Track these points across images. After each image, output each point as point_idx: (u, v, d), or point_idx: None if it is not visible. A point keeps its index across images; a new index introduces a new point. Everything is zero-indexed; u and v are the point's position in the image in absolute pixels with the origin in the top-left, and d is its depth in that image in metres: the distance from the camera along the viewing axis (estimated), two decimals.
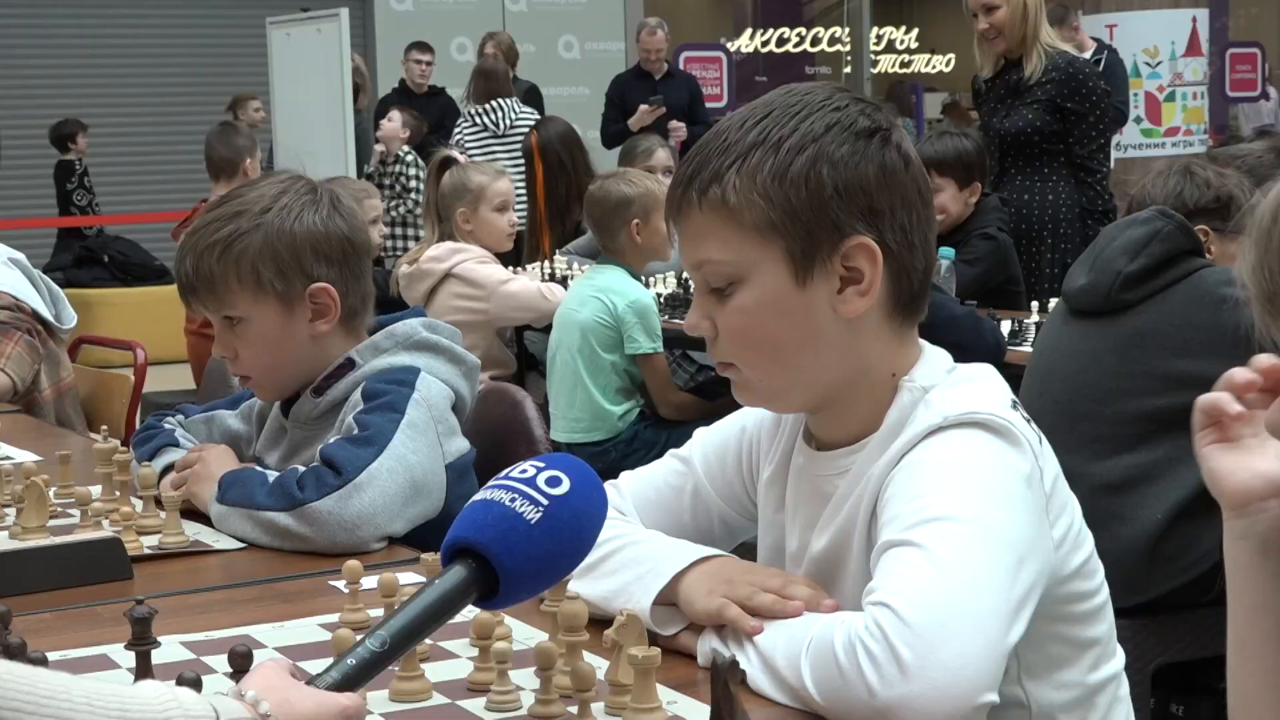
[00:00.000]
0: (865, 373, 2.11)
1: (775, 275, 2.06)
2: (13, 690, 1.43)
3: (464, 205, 6.61)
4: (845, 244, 2.05)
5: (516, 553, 1.72)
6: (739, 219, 2.05)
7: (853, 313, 2.08)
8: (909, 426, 2.05)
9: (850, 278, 2.07)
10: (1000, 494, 1.95)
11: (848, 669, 1.79)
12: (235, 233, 2.97)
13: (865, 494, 2.07)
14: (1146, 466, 3.77)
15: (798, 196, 2.04)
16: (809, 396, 2.14)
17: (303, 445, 3.06)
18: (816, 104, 2.09)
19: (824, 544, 2.12)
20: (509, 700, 1.94)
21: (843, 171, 2.05)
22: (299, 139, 11.66)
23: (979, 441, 2.00)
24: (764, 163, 2.04)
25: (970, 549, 1.87)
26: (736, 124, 2.10)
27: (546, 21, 17.55)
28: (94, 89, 16.13)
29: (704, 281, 2.12)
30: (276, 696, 1.57)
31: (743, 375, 2.14)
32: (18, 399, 4.66)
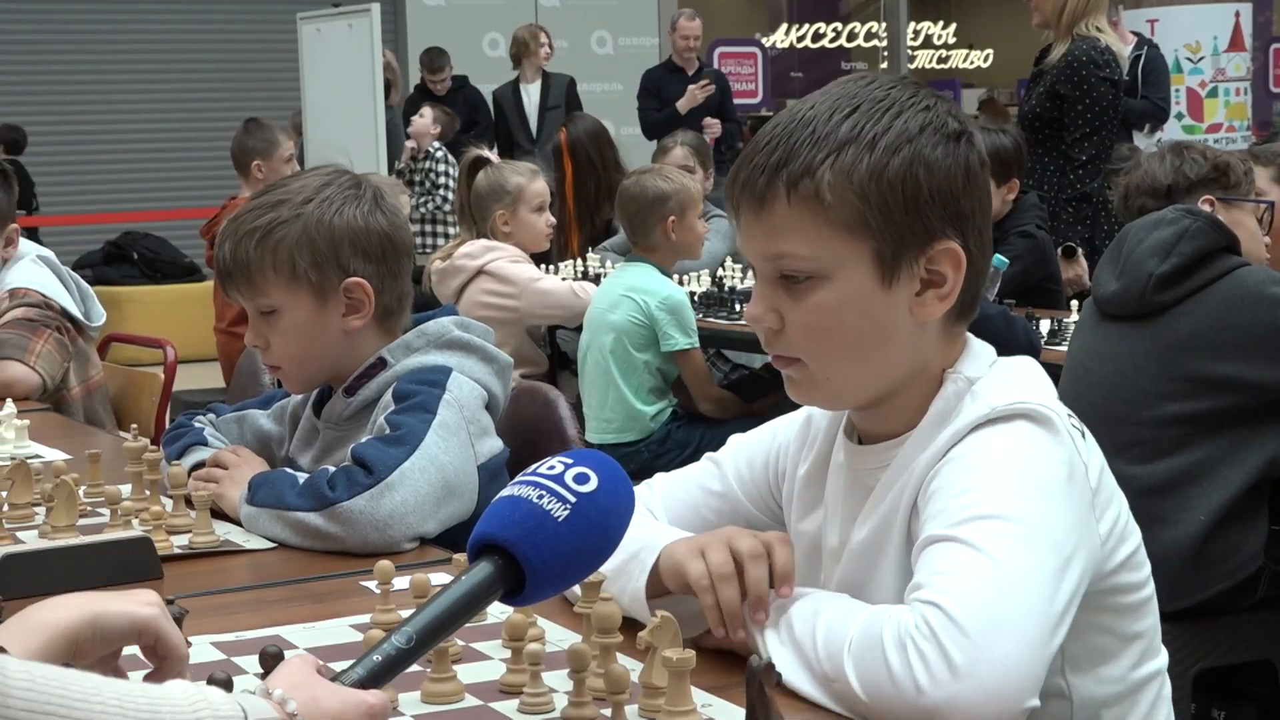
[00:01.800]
0: (923, 369, 2.11)
1: (861, 275, 2.04)
2: (45, 692, 1.43)
3: (502, 207, 6.59)
4: (933, 248, 2.05)
5: (543, 550, 1.71)
6: (830, 215, 2.02)
7: (931, 315, 2.07)
8: (956, 418, 2.04)
9: (931, 281, 2.06)
10: (1047, 491, 1.95)
11: (897, 667, 1.78)
12: (275, 221, 2.97)
13: (908, 485, 2.05)
14: (1188, 469, 3.75)
15: (894, 197, 2.02)
16: (870, 394, 2.12)
17: (335, 445, 3.05)
18: (905, 101, 2.07)
19: (864, 535, 2.11)
20: (542, 702, 1.93)
21: (937, 175, 2.04)
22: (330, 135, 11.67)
23: (1025, 435, 1.99)
24: (860, 160, 2.01)
25: (1019, 550, 1.86)
26: (824, 115, 2.06)
27: (579, 16, 17.56)
28: (123, 85, 16.18)
29: (776, 273, 2.08)
30: (303, 694, 1.57)
31: (807, 371, 2.10)
32: (47, 397, 4.66)
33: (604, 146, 8.69)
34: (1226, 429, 3.76)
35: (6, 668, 1.42)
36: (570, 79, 12.59)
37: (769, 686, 1.55)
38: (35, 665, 1.46)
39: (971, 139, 2.09)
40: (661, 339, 5.87)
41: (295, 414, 3.22)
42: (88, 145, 15.98)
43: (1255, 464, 3.74)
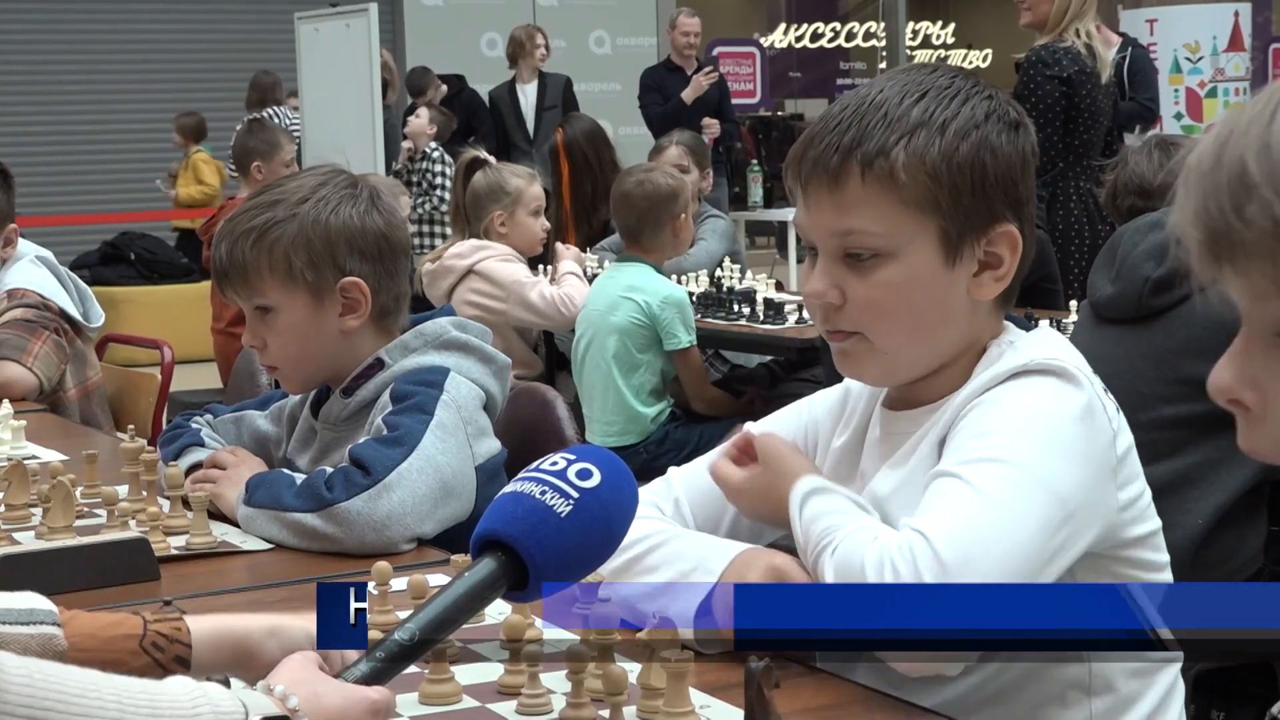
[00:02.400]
0: (971, 346, 2.18)
1: (927, 253, 2.11)
2: (44, 688, 1.43)
3: (501, 208, 6.60)
4: (994, 230, 2.13)
5: (546, 545, 1.71)
6: (903, 194, 2.09)
7: (986, 296, 2.15)
8: (994, 366, 2.12)
9: (988, 262, 2.14)
10: (1063, 446, 2.01)
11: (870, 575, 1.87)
12: (270, 221, 2.96)
13: (940, 423, 2.12)
14: (1185, 471, 3.74)
15: (963, 180, 2.10)
16: (923, 370, 2.19)
17: (333, 446, 3.05)
18: (970, 90, 2.16)
19: (894, 481, 2.16)
20: (540, 703, 1.93)
21: (1001, 161, 2.13)
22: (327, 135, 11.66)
23: (1054, 390, 2.06)
24: (932, 143, 2.10)
25: (1016, 494, 1.94)
26: (894, 98, 2.13)
27: (577, 16, 17.55)
28: (121, 84, 16.18)
29: (841, 250, 2.13)
30: (305, 690, 1.57)
31: (866, 344, 2.15)
32: (43, 398, 4.66)
33: (601, 147, 8.68)
34: (1224, 432, 3.74)
35: (4, 664, 1.42)
36: (567, 79, 12.59)
37: (767, 688, 1.55)
38: (33, 661, 1.46)
39: (1028, 130, 2.19)
40: (665, 338, 5.86)
41: (293, 415, 3.21)
42: (85, 145, 15.98)
43: (1253, 467, 3.74)
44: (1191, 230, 1.29)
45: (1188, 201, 1.30)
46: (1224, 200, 1.25)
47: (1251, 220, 1.23)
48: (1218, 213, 1.25)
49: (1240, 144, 1.25)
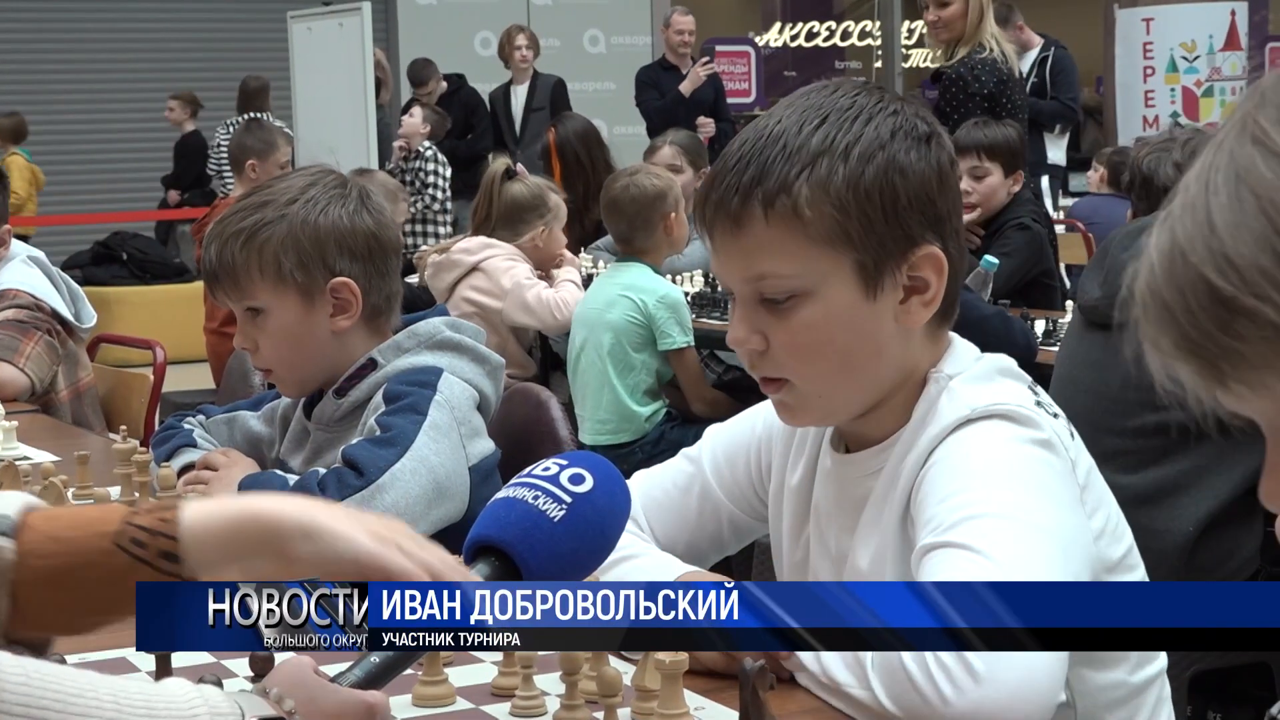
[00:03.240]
0: (910, 374, 2.09)
1: (845, 288, 2.02)
2: (40, 688, 1.42)
3: (543, 223, 6.67)
4: (915, 254, 2.03)
5: (540, 550, 1.72)
6: (810, 231, 1.99)
7: (916, 323, 2.06)
8: (936, 419, 2.03)
9: (914, 288, 2.04)
10: (1032, 484, 1.93)
11: (920, 680, 1.74)
12: (259, 222, 2.96)
13: (897, 494, 2.03)
14: (1174, 478, 3.73)
15: (873, 207, 2.00)
16: (861, 407, 2.10)
17: (326, 447, 3.04)
18: (873, 107, 2.05)
19: (871, 553, 2.08)
20: (534, 705, 1.92)
21: (912, 179, 2.02)
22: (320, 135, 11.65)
23: (1005, 432, 1.98)
24: (835, 171, 1.99)
25: (1015, 543, 1.84)
26: (793, 128, 2.03)
27: (572, 15, 17.55)
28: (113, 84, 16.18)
29: (756, 294, 2.05)
30: (301, 694, 1.57)
31: (797, 392, 2.08)
32: (35, 399, 4.65)
33: (593, 146, 8.67)
34: (1209, 440, 3.74)
35: (1, 664, 1.42)
36: (557, 81, 12.57)
37: (762, 689, 1.55)
38: (30, 661, 1.46)
39: (941, 139, 2.08)
40: (659, 337, 5.85)
41: (286, 416, 3.20)
42: (77, 145, 15.97)
43: (1242, 473, 3.73)
44: (1181, 364, 1.22)
45: (1162, 336, 1.21)
46: (1204, 325, 1.15)
47: (1244, 334, 1.13)
48: (1204, 339, 1.16)
49: (1192, 261, 1.15)
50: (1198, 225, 1.15)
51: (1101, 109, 16.44)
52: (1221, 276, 1.13)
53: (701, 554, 2.37)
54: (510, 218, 6.65)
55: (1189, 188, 1.17)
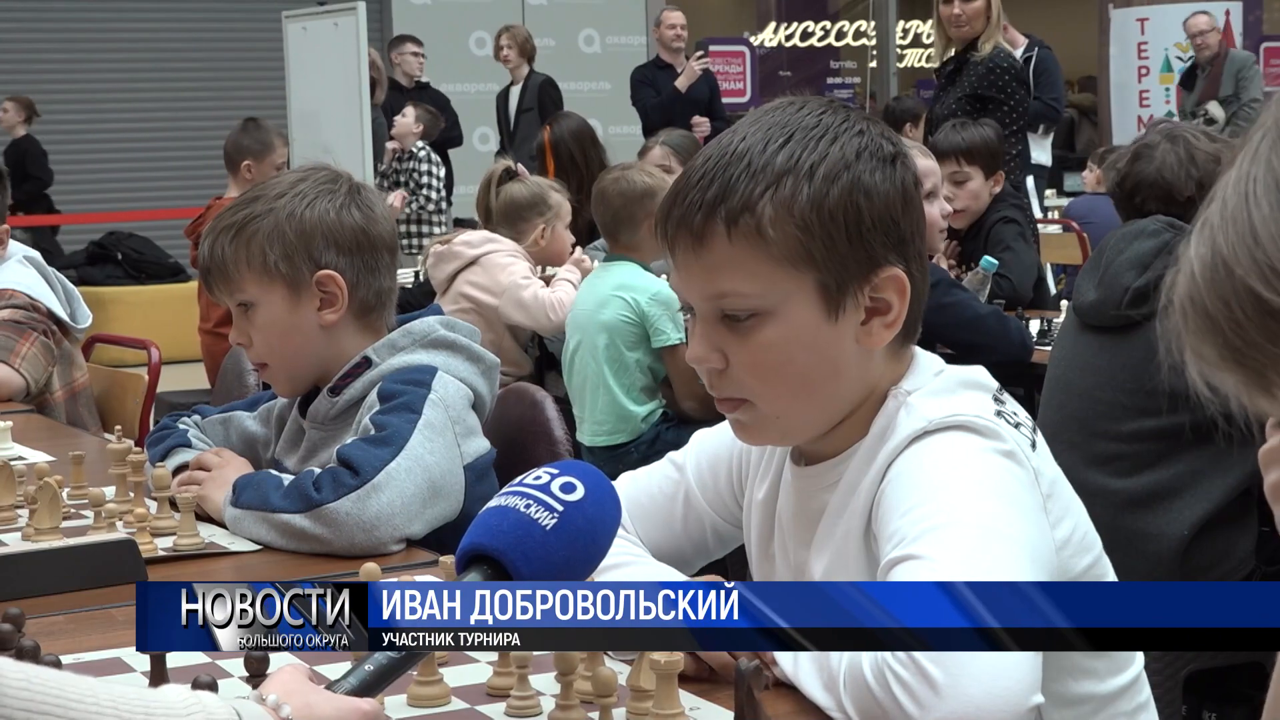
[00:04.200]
0: (869, 393, 2.07)
1: (806, 309, 2.00)
2: (41, 693, 1.43)
3: (543, 221, 6.71)
4: (877, 275, 2.01)
5: (532, 558, 1.73)
6: (773, 250, 1.98)
7: (876, 344, 2.04)
8: (893, 434, 2.01)
9: (876, 309, 2.03)
10: (992, 491, 1.91)
11: (883, 698, 1.73)
12: (249, 217, 2.98)
13: (857, 508, 2.02)
14: (1168, 482, 3.73)
15: (836, 228, 1.98)
16: (821, 427, 2.09)
17: (320, 446, 3.04)
18: (839, 126, 2.03)
19: (825, 565, 2.07)
20: (529, 706, 1.93)
21: (876, 201, 2.00)
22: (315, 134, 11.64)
23: (962, 442, 1.96)
24: (799, 191, 1.97)
25: (976, 551, 1.82)
26: (758, 146, 2.01)
27: (566, 15, 17.54)
28: (108, 84, 16.15)
29: (717, 312, 2.03)
30: (298, 700, 1.58)
31: (756, 412, 2.06)
32: (30, 400, 4.65)
33: (588, 146, 8.66)
34: (1204, 443, 3.74)
35: (2, 669, 1.42)
36: (545, 80, 12.53)
37: (757, 689, 1.55)
38: (30, 666, 1.46)
39: (906, 159, 2.06)
40: (653, 334, 5.85)
41: (281, 416, 3.20)
42: (72, 145, 15.94)
43: (1237, 476, 3.73)
44: (1227, 374, 1.21)
45: (1205, 346, 1.21)
46: (1251, 335, 1.15)
47: None
48: (1250, 348, 1.16)
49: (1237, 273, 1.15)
50: (1240, 236, 1.15)
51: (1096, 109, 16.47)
52: (1268, 288, 1.13)
53: (685, 559, 2.37)
54: (509, 217, 6.68)
55: (1226, 199, 1.17)
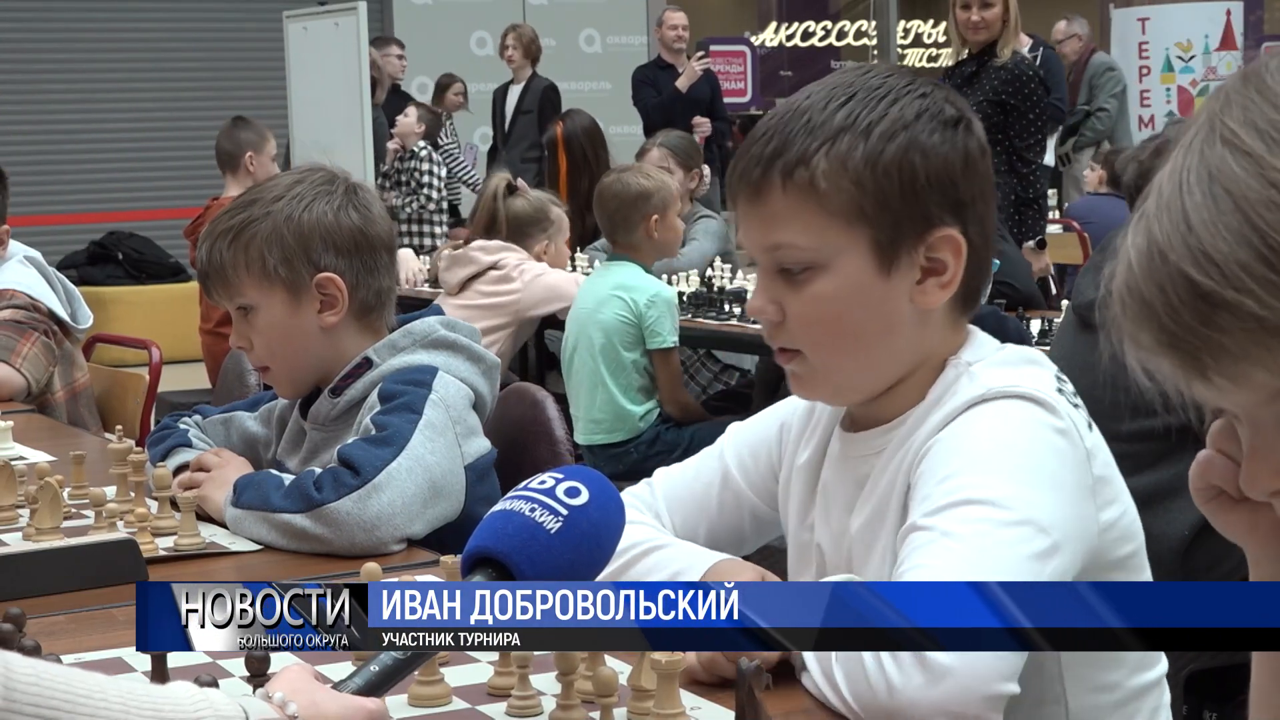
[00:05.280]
0: (925, 360, 2.10)
1: (859, 264, 2.03)
2: (51, 688, 1.44)
3: (546, 237, 6.76)
4: (932, 235, 2.04)
5: (537, 562, 1.74)
6: (826, 204, 2.01)
7: (931, 304, 2.06)
8: (951, 398, 2.03)
9: (932, 269, 2.05)
10: (1037, 473, 1.93)
11: (871, 666, 1.76)
12: (246, 220, 2.98)
13: (901, 467, 2.04)
14: (1168, 481, 3.72)
15: (890, 184, 2.01)
16: (875, 387, 2.11)
17: (321, 447, 3.04)
18: (901, 89, 2.06)
19: (860, 522, 2.09)
20: (530, 705, 1.92)
21: (934, 161, 2.03)
22: (316, 134, 11.64)
23: (1019, 413, 1.98)
24: (855, 148, 2.01)
25: (996, 534, 1.84)
26: (819, 104, 2.05)
27: (567, 15, 17.52)
28: (107, 83, 16.13)
29: (775, 264, 2.07)
30: (304, 699, 1.59)
31: (808, 364, 2.09)
32: (31, 400, 4.65)
33: (598, 145, 8.69)
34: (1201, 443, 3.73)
35: (12, 664, 1.43)
36: (548, 85, 12.52)
37: (758, 689, 1.54)
38: (40, 662, 1.47)
39: (970, 126, 2.08)
40: (648, 336, 5.86)
41: (282, 416, 3.20)
42: (73, 144, 15.93)
43: None
44: (1163, 360, 1.25)
45: (1142, 331, 1.25)
46: (1185, 319, 1.19)
47: (1227, 327, 1.17)
48: (1185, 333, 1.20)
49: (1171, 259, 1.19)
50: (1174, 224, 1.19)
51: None
52: (1201, 272, 1.17)
53: (720, 547, 2.37)
54: (515, 232, 6.72)
55: (1161, 189, 1.21)
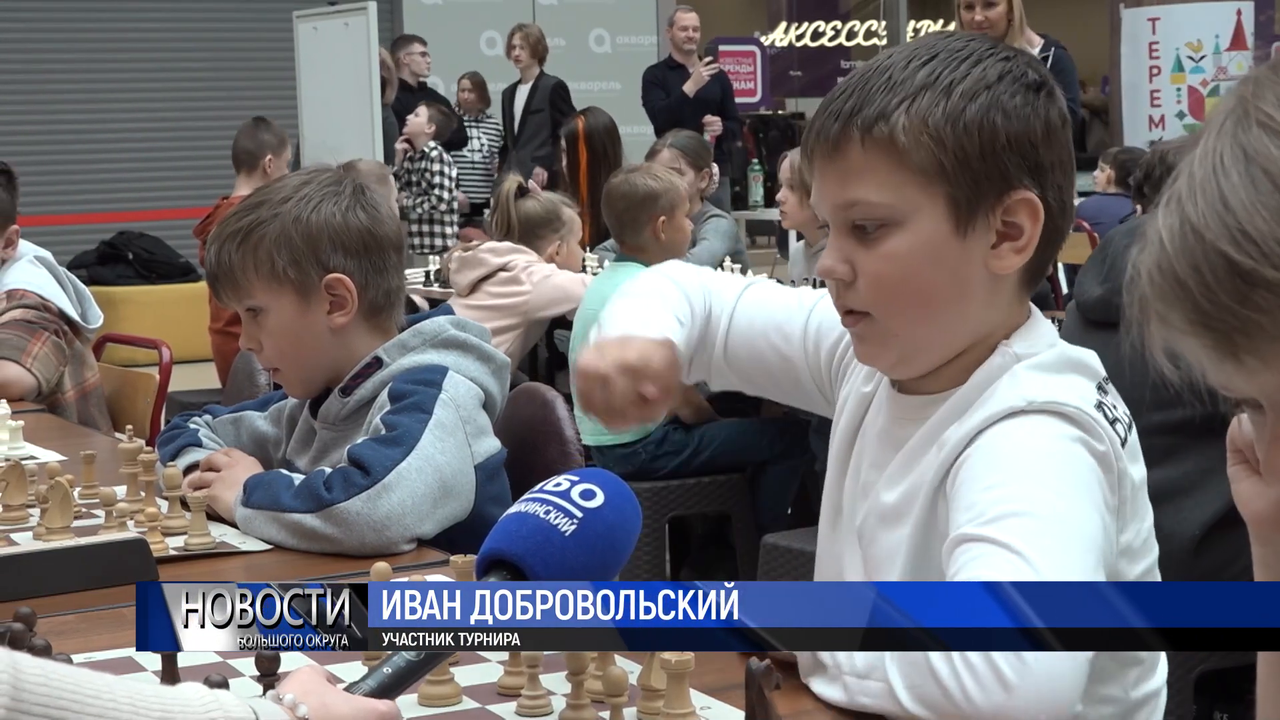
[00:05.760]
0: (989, 334, 2.07)
1: (935, 222, 2.01)
2: (59, 688, 1.43)
3: (558, 238, 6.80)
4: (1010, 197, 2.01)
5: (551, 564, 1.74)
6: (905, 160, 1.99)
7: (1006, 269, 2.04)
8: (990, 399, 2.00)
9: (1007, 233, 2.02)
10: (1075, 487, 1.90)
11: (945, 675, 1.70)
12: (254, 222, 2.98)
13: (939, 460, 2.01)
14: (1177, 480, 3.72)
15: (970, 143, 1.99)
16: (939, 355, 2.08)
17: (331, 446, 3.04)
18: (984, 52, 2.05)
19: (894, 499, 2.08)
20: (540, 705, 1.92)
21: (1015, 123, 2.01)
22: (326, 135, 11.65)
23: (1056, 430, 1.95)
24: (935, 105, 1.99)
25: (1055, 549, 1.81)
26: (900, 63, 2.03)
27: (577, 15, 17.51)
28: (117, 84, 16.14)
29: (848, 222, 2.04)
30: (314, 700, 1.58)
31: (877, 327, 2.06)
32: (41, 399, 4.65)
33: (615, 143, 8.72)
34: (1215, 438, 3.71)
35: (21, 664, 1.42)
36: (556, 83, 12.54)
37: (768, 689, 1.54)
38: (49, 663, 1.47)
39: (1053, 93, 2.06)
40: None
41: (293, 416, 3.21)
42: (83, 144, 15.94)
43: None
44: (1193, 340, 1.25)
45: (1172, 311, 1.24)
46: (1221, 298, 1.19)
47: (1264, 305, 1.17)
48: (1221, 312, 1.20)
49: (1208, 238, 1.19)
50: (1210, 204, 1.19)
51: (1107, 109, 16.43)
52: (1240, 250, 1.17)
53: (754, 381, 2.42)
54: (527, 233, 6.74)
55: (1193, 172, 1.21)
